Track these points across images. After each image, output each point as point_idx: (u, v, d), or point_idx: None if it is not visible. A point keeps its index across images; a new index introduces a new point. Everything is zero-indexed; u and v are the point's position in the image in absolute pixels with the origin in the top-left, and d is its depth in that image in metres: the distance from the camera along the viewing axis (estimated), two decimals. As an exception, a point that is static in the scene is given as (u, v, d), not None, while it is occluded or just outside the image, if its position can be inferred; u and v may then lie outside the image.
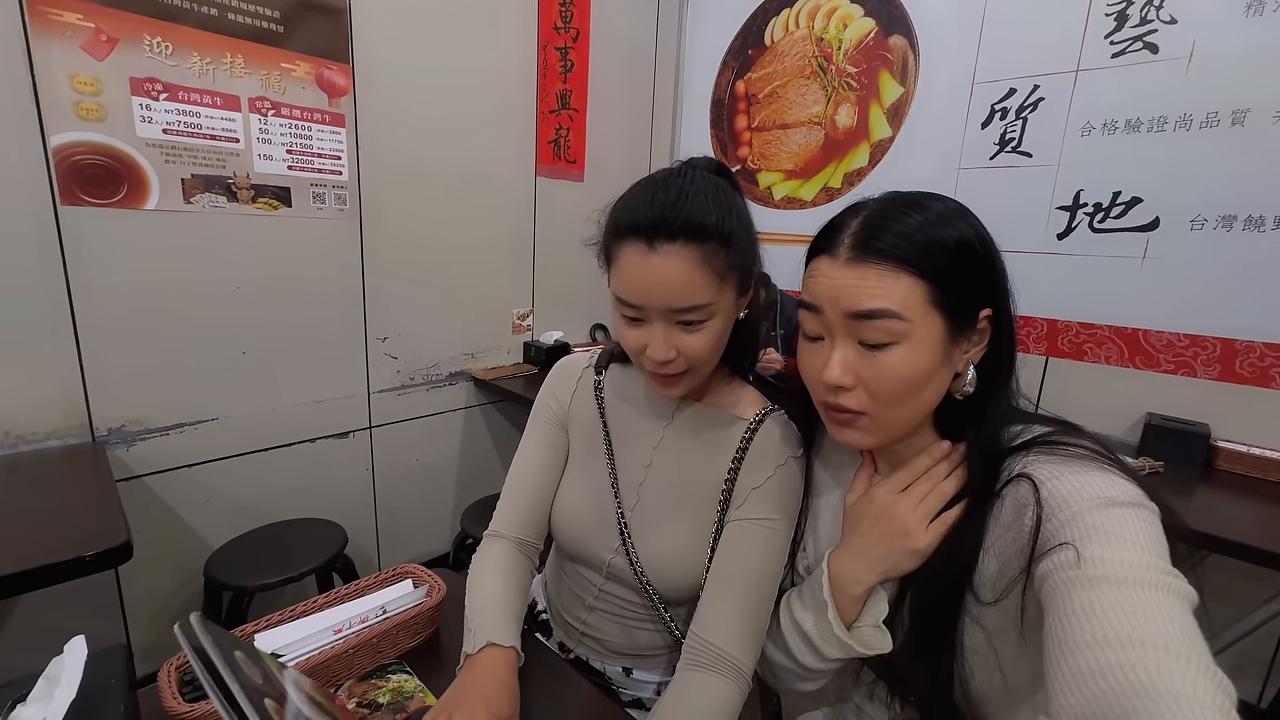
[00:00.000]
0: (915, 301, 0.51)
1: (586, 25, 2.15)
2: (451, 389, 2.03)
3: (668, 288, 0.60)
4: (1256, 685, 1.54)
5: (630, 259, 0.61)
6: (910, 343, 0.52)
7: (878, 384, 0.53)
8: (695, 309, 0.61)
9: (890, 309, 0.51)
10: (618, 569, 0.73)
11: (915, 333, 0.52)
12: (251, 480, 1.61)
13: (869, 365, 0.53)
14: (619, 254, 0.63)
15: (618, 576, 0.74)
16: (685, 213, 0.59)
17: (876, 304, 0.51)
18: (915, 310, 0.51)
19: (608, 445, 0.78)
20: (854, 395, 0.55)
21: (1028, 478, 0.52)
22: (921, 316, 0.52)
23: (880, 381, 0.53)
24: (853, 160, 2.14)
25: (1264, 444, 1.45)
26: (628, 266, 0.62)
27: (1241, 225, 1.46)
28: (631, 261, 0.61)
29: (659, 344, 0.63)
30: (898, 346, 0.52)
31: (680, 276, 0.59)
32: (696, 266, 0.60)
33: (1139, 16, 1.55)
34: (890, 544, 0.58)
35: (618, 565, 0.73)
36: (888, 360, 0.52)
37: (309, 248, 1.61)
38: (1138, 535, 0.44)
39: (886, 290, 0.51)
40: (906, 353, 0.52)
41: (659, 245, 0.60)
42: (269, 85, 1.47)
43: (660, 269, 0.60)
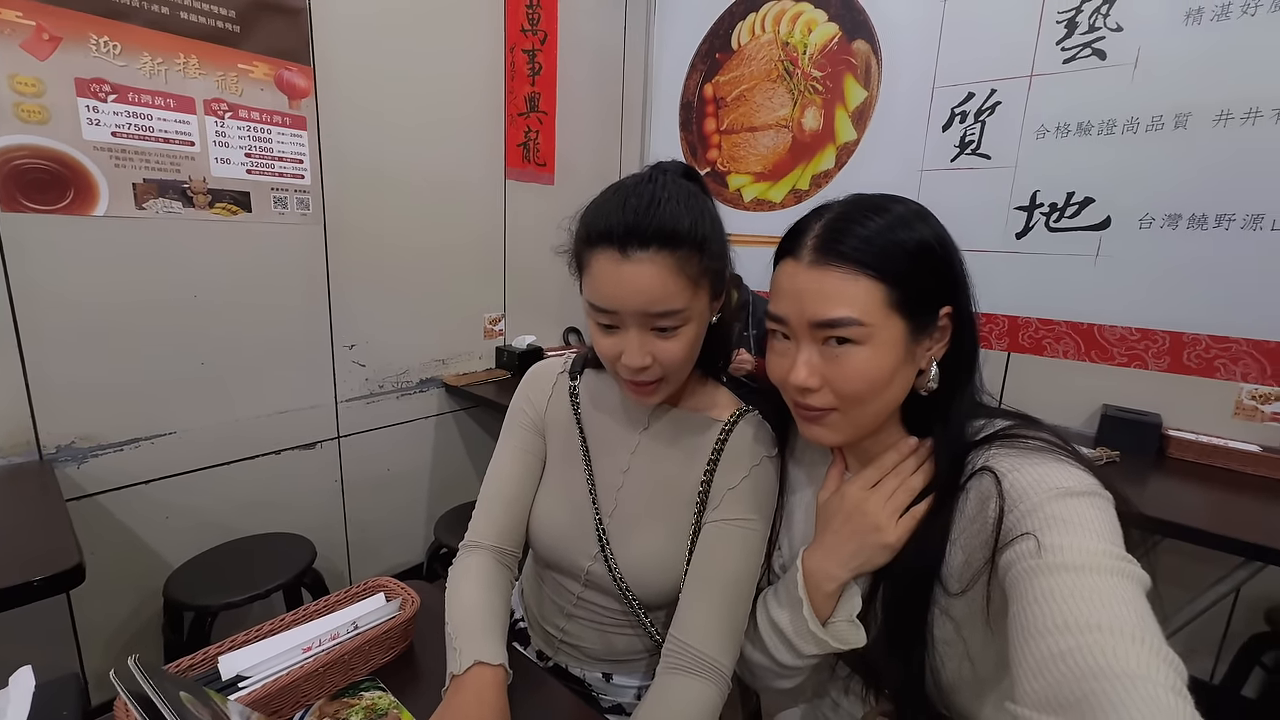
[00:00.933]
0: (875, 305, 0.53)
1: (554, 27, 2.14)
2: (422, 396, 1.99)
3: (642, 294, 0.60)
4: (1209, 663, 1.61)
5: (603, 266, 0.61)
6: (872, 344, 0.54)
7: (842, 384, 0.55)
8: (670, 315, 0.61)
9: (850, 317, 0.53)
10: (596, 576, 0.73)
11: (877, 335, 0.53)
12: (213, 495, 1.55)
13: (834, 367, 0.55)
14: (592, 261, 0.63)
15: (596, 584, 0.73)
16: (658, 219, 0.59)
17: (837, 313, 0.53)
18: (875, 314, 0.53)
19: (585, 451, 0.77)
20: (821, 395, 0.56)
21: (990, 471, 0.53)
22: (882, 319, 0.53)
23: (845, 382, 0.55)
24: (820, 162, 2.17)
25: (1211, 432, 1.52)
26: (601, 274, 0.61)
27: (1186, 224, 1.53)
28: (605, 269, 0.61)
29: (634, 351, 0.63)
30: (861, 348, 0.54)
31: (654, 283, 0.59)
32: (670, 273, 0.60)
33: (1087, 24, 1.61)
34: (862, 539, 0.59)
35: (596, 572, 0.73)
36: (851, 362, 0.54)
37: (271, 254, 1.56)
38: (1094, 523, 0.46)
39: (847, 295, 0.53)
40: (869, 354, 0.54)
41: (632, 252, 0.59)
42: (225, 87, 1.42)
43: (634, 276, 0.59)
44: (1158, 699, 0.36)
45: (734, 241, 0.70)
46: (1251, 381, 1.49)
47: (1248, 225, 1.45)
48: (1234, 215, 1.47)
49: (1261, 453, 1.42)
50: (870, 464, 0.63)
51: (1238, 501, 1.30)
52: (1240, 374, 1.50)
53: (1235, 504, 1.30)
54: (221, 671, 0.63)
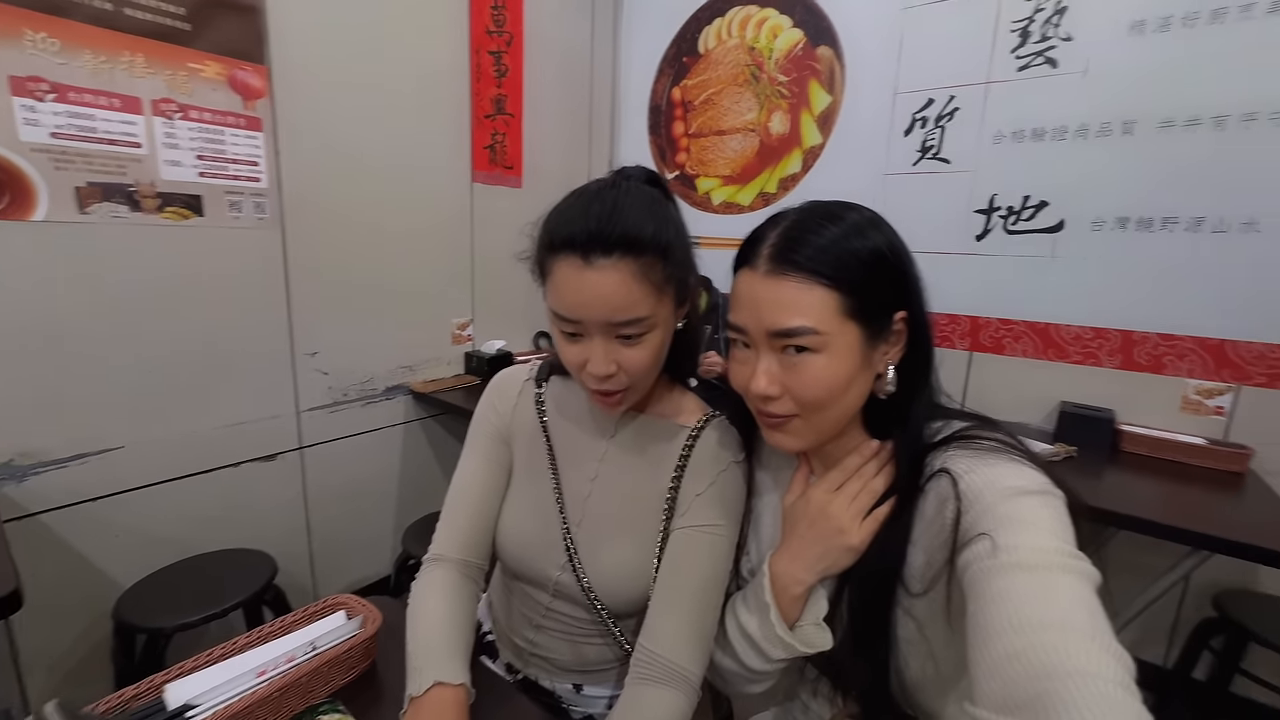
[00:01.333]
0: (830, 314, 0.54)
1: (520, 29, 2.12)
2: (389, 404, 1.95)
3: (606, 301, 0.59)
4: (1162, 649, 1.68)
5: (566, 273, 0.60)
6: (829, 352, 0.55)
7: (801, 391, 0.56)
8: (634, 322, 0.61)
9: (806, 326, 0.54)
10: (565, 586, 0.72)
11: (832, 343, 0.54)
12: (167, 511, 1.49)
13: (792, 375, 0.56)
14: (554, 268, 0.62)
15: (565, 594, 0.72)
16: (621, 225, 0.59)
17: (793, 322, 0.54)
18: (831, 322, 0.54)
19: (551, 460, 0.76)
20: (782, 402, 0.57)
21: (947, 472, 0.54)
22: (837, 327, 0.54)
23: (803, 389, 0.56)
24: (787, 166, 2.20)
25: (1161, 426, 1.58)
26: (564, 281, 0.60)
27: (1134, 226, 1.59)
28: (568, 276, 0.60)
29: (599, 359, 0.62)
30: (818, 355, 0.55)
31: (618, 290, 0.59)
32: (634, 279, 0.59)
33: (1040, 34, 1.67)
34: (827, 542, 0.60)
35: (565, 583, 0.72)
36: (809, 370, 0.55)
37: (226, 259, 1.50)
38: (1045, 521, 0.47)
39: (801, 304, 0.54)
40: (826, 361, 0.55)
41: (595, 259, 0.58)
42: (175, 86, 1.37)
43: (598, 283, 0.59)
44: (1108, 695, 0.37)
45: (703, 244, 0.70)
46: (1197, 377, 1.56)
47: (1190, 228, 1.52)
48: (1178, 218, 1.53)
49: (1207, 445, 1.49)
50: (834, 467, 0.64)
51: (1186, 492, 1.36)
52: (1186, 370, 1.57)
53: (1184, 495, 1.35)
54: (167, 701, 0.60)
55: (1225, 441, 1.51)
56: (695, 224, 0.68)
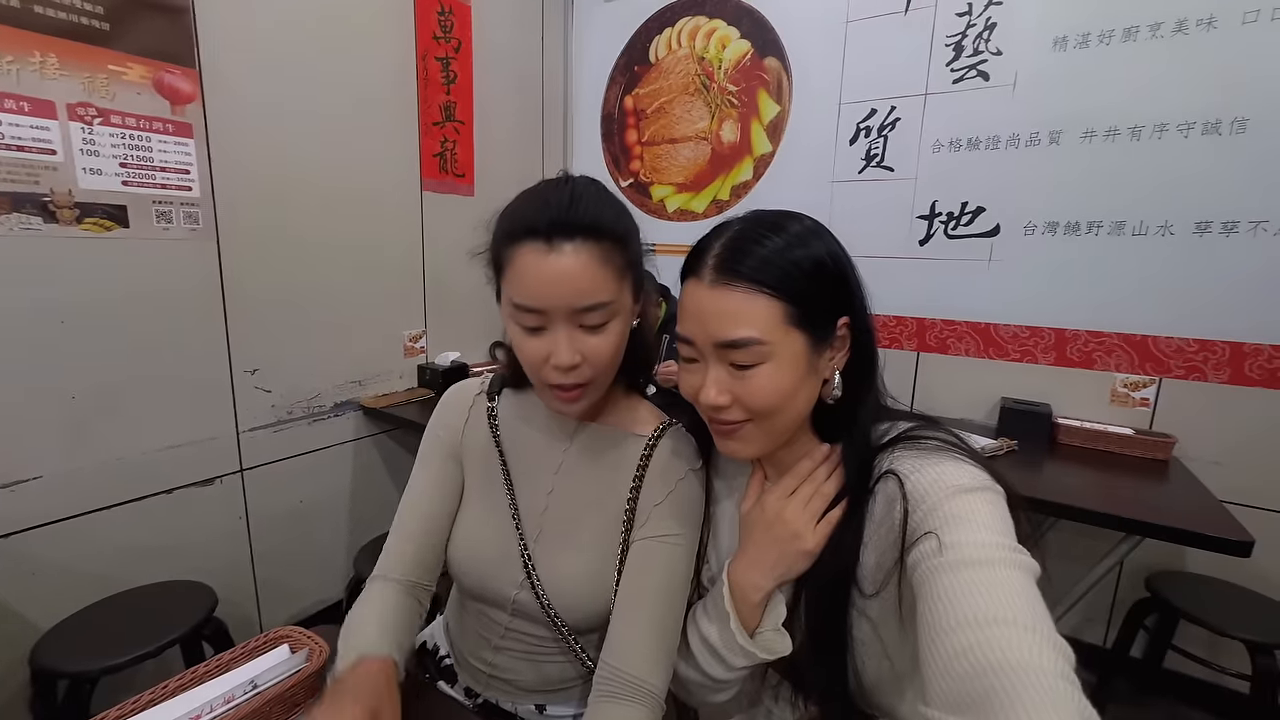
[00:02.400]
0: (775, 323, 0.55)
1: (468, 36, 2.09)
2: (338, 420, 1.87)
3: (571, 284, 0.59)
4: (1102, 629, 1.77)
5: (528, 260, 0.60)
6: (775, 361, 0.55)
7: (750, 399, 0.57)
8: (599, 307, 0.61)
9: (752, 337, 0.54)
10: (524, 605, 0.70)
11: (778, 352, 0.55)
12: (91, 544, 1.38)
13: (741, 384, 0.56)
14: (514, 258, 0.61)
15: (524, 612, 0.70)
16: (583, 211, 0.60)
17: (739, 333, 0.55)
18: (775, 331, 0.55)
19: (506, 476, 0.74)
20: (732, 411, 0.58)
21: (894, 474, 0.56)
22: (782, 336, 0.55)
23: (752, 397, 0.56)
24: (738, 174, 2.23)
25: (1093, 418, 1.68)
26: (526, 268, 0.60)
27: (1062, 230, 1.69)
28: (530, 262, 0.60)
29: (563, 349, 0.61)
30: (764, 366, 0.55)
31: (583, 273, 0.59)
32: (597, 263, 0.60)
33: (972, 48, 1.75)
34: (783, 547, 0.61)
35: (523, 601, 0.70)
36: (756, 379, 0.56)
37: (154, 273, 1.41)
38: (986, 517, 0.49)
39: (747, 315, 0.54)
40: (772, 370, 0.56)
41: (558, 244, 0.59)
42: (93, 90, 1.28)
43: (561, 266, 0.59)
44: (1050, 688, 0.38)
45: (658, 251, 0.71)
46: (1123, 371, 1.65)
47: (1112, 231, 1.62)
48: (1101, 222, 1.63)
49: (1135, 435, 1.58)
50: (787, 473, 0.65)
51: (1118, 480, 1.44)
52: (1114, 365, 1.66)
53: (1116, 483, 1.43)
54: (88, 755, 0.55)
55: (1150, 431, 1.61)
56: (651, 231, 0.69)
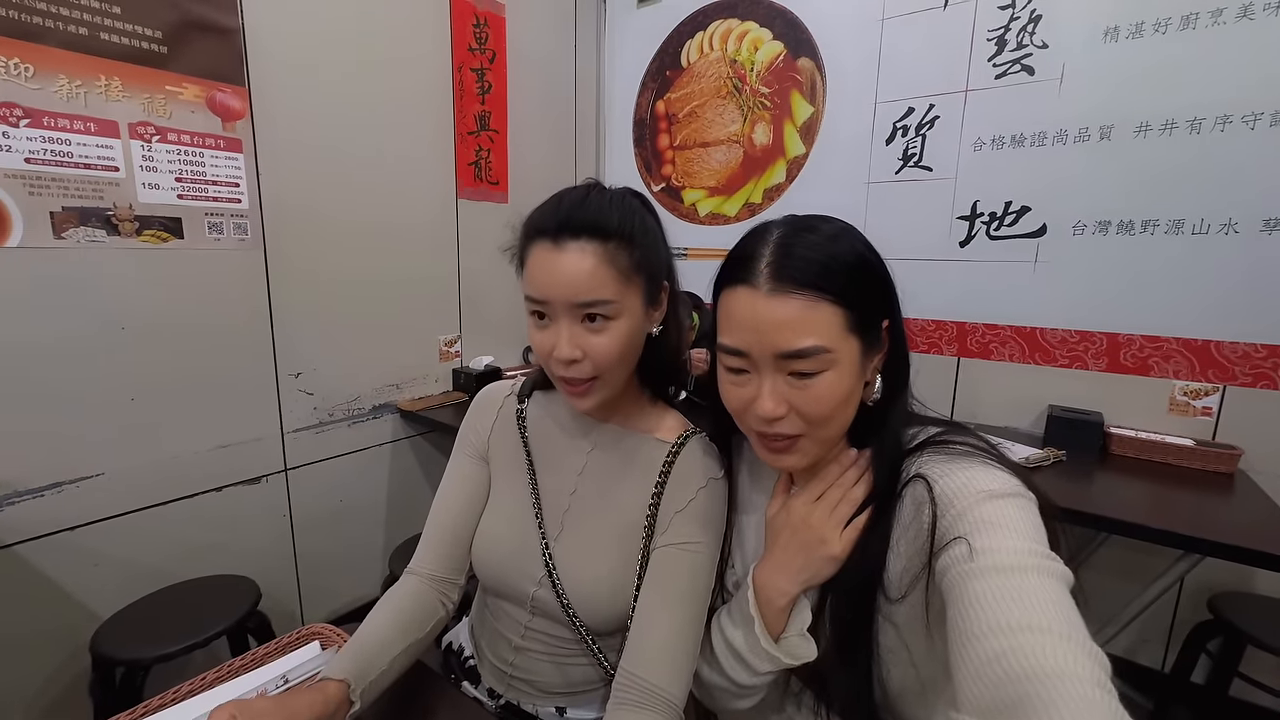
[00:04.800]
0: (837, 331, 0.54)
1: (503, 46, 2.13)
2: (376, 423, 1.93)
3: (571, 279, 0.62)
4: (1159, 652, 1.66)
5: (538, 257, 0.64)
6: (837, 369, 0.55)
7: (811, 409, 0.55)
8: (599, 304, 0.62)
9: (820, 345, 0.53)
10: (543, 602, 0.70)
11: (840, 359, 0.55)
12: (148, 539, 1.46)
13: (800, 394, 0.55)
14: (529, 255, 0.65)
15: (544, 610, 0.71)
16: (587, 212, 0.63)
17: (805, 343, 0.53)
18: (838, 339, 0.54)
19: (531, 474, 0.76)
20: (788, 422, 0.57)
21: (922, 478, 0.55)
22: (843, 343, 0.55)
23: (813, 406, 0.55)
24: (771, 176, 2.21)
25: (1148, 428, 1.58)
26: (535, 265, 0.64)
27: (1115, 230, 1.60)
28: (539, 259, 0.64)
29: (564, 343, 0.63)
30: (827, 374, 0.55)
31: (583, 270, 0.62)
32: (599, 261, 0.62)
33: (1015, 41, 1.69)
34: (809, 553, 0.60)
35: (542, 598, 0.70)
36: (819, 388, 0.55)
37: (206, 281, 1.49)
38: (1018, 523, 0.48)
39: (812, 324, 0.53)
40: (835, 378, 0.55)
41: (564, 242, 0.62)
42: (152, 110, 1.36)
43: (564, 263, 0.62)
44: (1086, 695, 0.37)
45: (690, 255, 0.72)
46: (1183, 378, 1.56)
47: (1170, 230, 1.53)
48: (1158, 221, 1.54)
49: (1195, 446, 1.49)
50: (815, 477, 0.64)
51: (1176, 494, 1.36)
52: (1172, 371, 1.57)
53: (1174, 497, 1.35)
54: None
55: (1213, 442, 1.51)
56: (682, 236, 0.71)
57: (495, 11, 2.09)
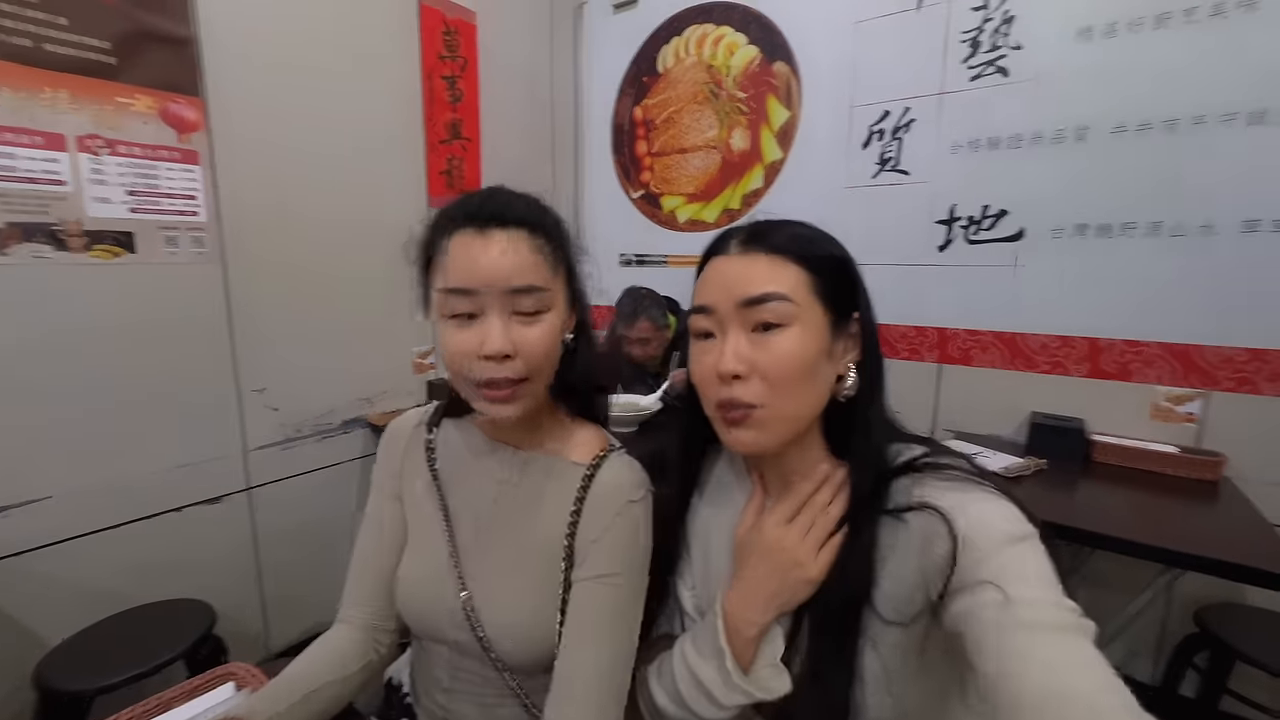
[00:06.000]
0: (802, 288, 0.55)
1: (474, 54, 2.10)
2: (346, 438, 1.89)
3: (504, 265, 0.58)
4: (1149, 665, 1.62)
5: (460, 244, 0.59)
6: (800, 325, 0.55)
7: (771, 366, 0.54)
8: (532, 291, 0.59)
9: (780, 291, 0.55)
10: (465, 645, 0.66)
11: (803, 316, 0.55)
12: (103, 562, 1.41)
13: (762, 350, 0.55)
14: (448, 247, 0.60)
15: (468, 653, 0.67)
16: (516, 208, 0.61)
17: (767, 288, 0.55)
18: (802, 295, 0.55)
19: (444, 511, 0.71)
20: (748, 385, 0.55)
21: (936, 510, 0.53)
22: (808, 303, 0.56)
23: (774, 363, 0.54)
24: (749, 182, 2.18)
25: (1131, 434, 1.54)
26: (458, 252, 0.59)
27: (1093, 233, 1.57)
28: (465, 247, 0.59)
29: (496, 335, 0.58)
30: (789, 329, 0.55)
31: (513, 256, 0.59)
32: (530, 250, 0.60)
33: (989, 43, 1.66)
34: (783, 577, 0.57)
35: (464, 641, 0.66)
36: (780, 342, 0.55)
37: (162, 296, 1.45)
38: (1046, 572, 0.48)
39: (775, 276, 0.55)
40: (798, 334, 0.55)
41: (490, 231, 0.59)
42: (101, 122, 1.33)
43: (493, 248, 0.58)
44: None
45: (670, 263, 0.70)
46: (1165, 384, 1.52)
47: (1148, 233, 1.50)
48: (1135, 224, 1.51)
49: (1179, 454, 1.45)
50: (791, 484, 0.61)
51: (1160, 505, 1.32)
52: (1154, 376, 1.53)
53: (1158, 508, 1.31)
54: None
55: (1197, 449, 1.47)
56: (662, 243, 0.70)
57: (466, 19, 2.07)
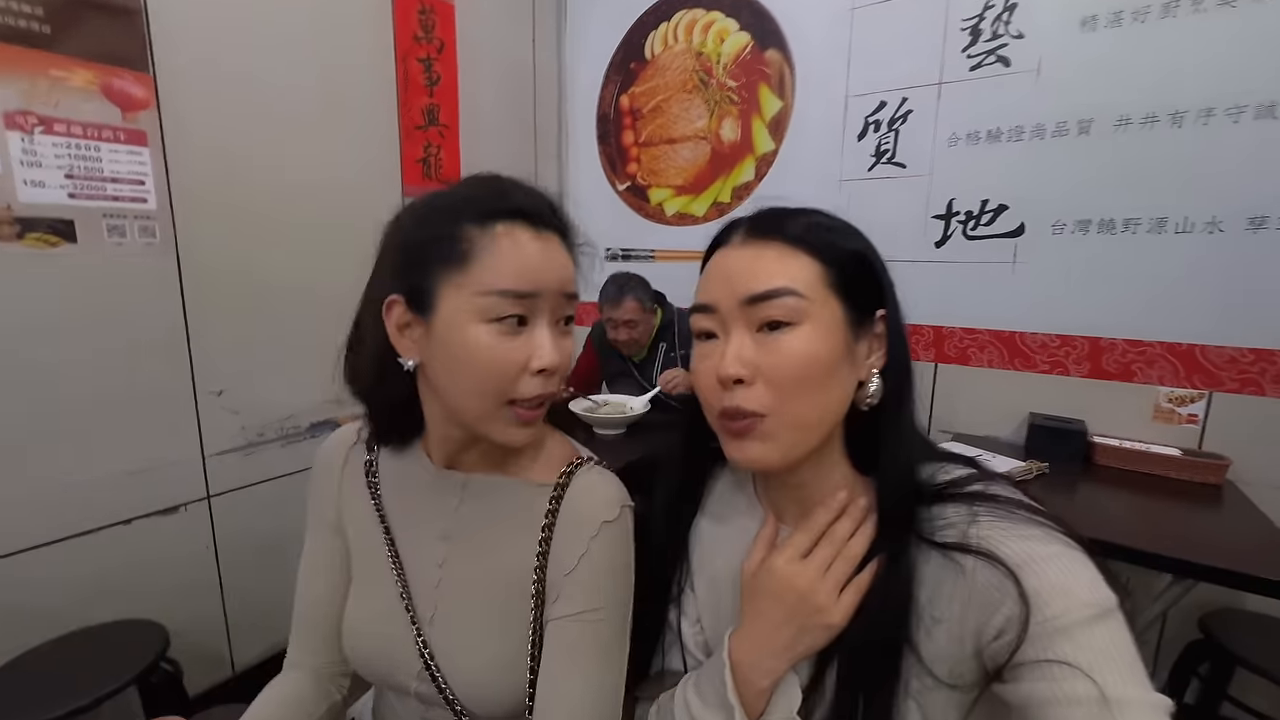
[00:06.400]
0: (813, 282, 0.49)
1: (452, 36, 1.99)
2: (314, 442, 1.77)
3: (559, 270, 0.54)
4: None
5: (517, 242, 0.52)
6: (811, 323, 0.49)
7: (778, 369, 0.48)
8: (575, 299, 0.57)
9: (788, 286, 0.48)
10: (427, 697, 0.58)
11: (815, 313, 0.49)
12: (38, 583, 1.29)
13: (768, 352, 0.49)
14: (495, 241, 0.51)
15: (433, 703, 0.58)
16: (559, 210, 0.57)
17: (774, 283, 0.49)
18: (814, 290, 0.49)
19: (390, 545, 0.62)
20: (752, 392, 0.49)
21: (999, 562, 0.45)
22: (821, 297, 0.49)
23: (781, 366, 0.48)
24: (740, 174, 2.10)
25: (1132, 436, 1.51)
26: (515, 250, 0.52)
27: (1096, 229, 1.53)
28: (519, 244, 0.52)
29: (549, 347, 0.52)
30: (799, 327, 0.48)
31: (566, 261, 0.56)
32: (570, 254, 0.57)
33: (990, 31, 1.60)
34: (800, 623, 0.50)
35: (426, 693, 0.58)
36: (789, 342, 0.48)
37: (107, 289, 1.33)
38: (1135, 660, 0.43)
39: (783, 269, 0.49)
40: (808, 333, 0.48)
41: (544, 232, 0.54)
42: (33, 97, 1.20)
43: (550, 250, 0.54)
44: None
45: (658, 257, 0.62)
46: (1168, 384, 1.48)
47: (1153, 229, 1.46)
48: (1139, 219, 1.47)
49: (1182, 456, 1.42)
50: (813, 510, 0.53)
51: (1163, 510, 1.28)
52: (1157, 377, 1.50)
53: (1161, 513, 1.27)
54: None
55: (1200, 451, 1.44)
56: (649, 237, 0.62)
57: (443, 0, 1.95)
